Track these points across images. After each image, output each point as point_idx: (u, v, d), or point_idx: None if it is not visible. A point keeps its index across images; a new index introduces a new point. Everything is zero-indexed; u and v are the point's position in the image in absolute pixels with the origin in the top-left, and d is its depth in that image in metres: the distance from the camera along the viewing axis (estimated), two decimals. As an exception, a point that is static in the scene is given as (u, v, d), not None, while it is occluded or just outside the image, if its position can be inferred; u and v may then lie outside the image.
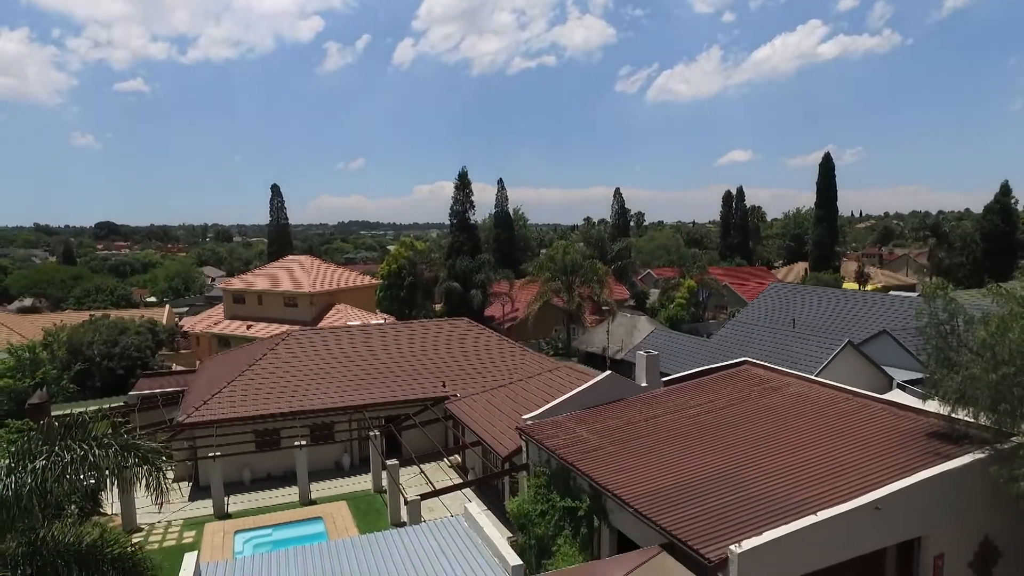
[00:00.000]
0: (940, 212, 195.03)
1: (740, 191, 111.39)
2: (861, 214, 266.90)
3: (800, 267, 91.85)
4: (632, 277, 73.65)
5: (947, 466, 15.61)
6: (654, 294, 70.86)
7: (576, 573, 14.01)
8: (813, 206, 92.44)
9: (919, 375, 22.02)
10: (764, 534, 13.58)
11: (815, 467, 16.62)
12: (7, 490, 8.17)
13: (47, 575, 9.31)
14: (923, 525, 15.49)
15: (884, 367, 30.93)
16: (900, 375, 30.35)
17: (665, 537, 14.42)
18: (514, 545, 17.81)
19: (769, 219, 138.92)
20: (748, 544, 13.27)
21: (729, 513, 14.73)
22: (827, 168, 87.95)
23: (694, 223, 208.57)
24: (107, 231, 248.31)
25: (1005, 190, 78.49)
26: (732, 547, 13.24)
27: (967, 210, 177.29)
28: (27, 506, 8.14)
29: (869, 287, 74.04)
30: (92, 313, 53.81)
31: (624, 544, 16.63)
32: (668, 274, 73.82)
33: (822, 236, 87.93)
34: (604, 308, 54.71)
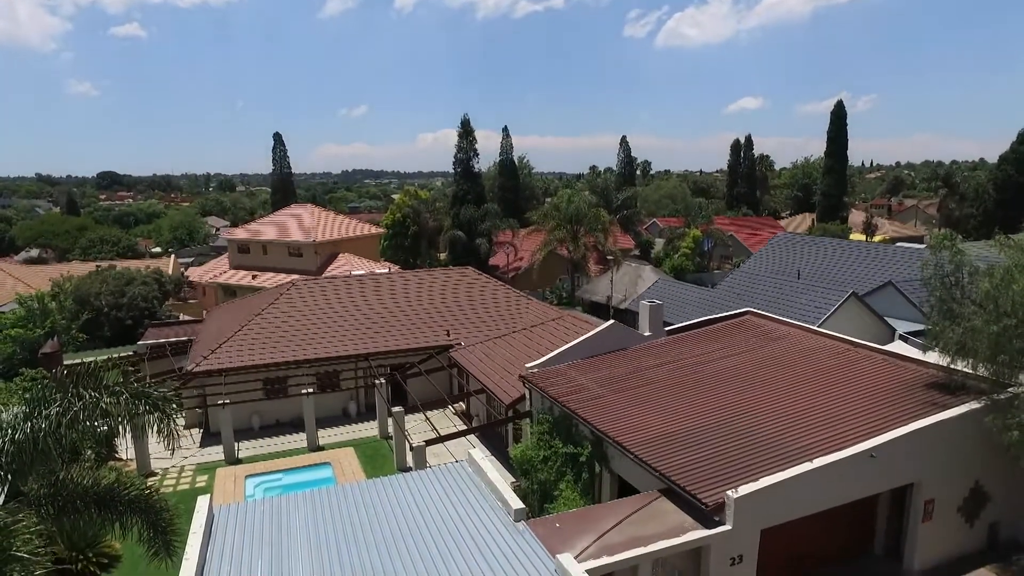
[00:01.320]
0: (953, 162, 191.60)
1: (749, 139, 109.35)
2: (872, 164, 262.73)
3: (807, 218, 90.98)
4: (637, 226, 73.21)
5: (942, 416, 15.87)
6: (659, 244, 70.56)
7: (577, 517, 14.43)
8: (823, 155, 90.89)
9: (922, 327, 22.07)
10: (760, 480, 13.95)
11: (814, 415, 16.91)
12: (25, 436, 8.43)
13: (68, 514, 9.72)
14: (916, 472, 15.85)
15: (887, 318, 31.00)
16: (903, 327, 30.43)
17: (664, 482, 14.81)
18: (517, 490, 18.30)
19: (777, 168, 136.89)
20: (744, 490, 13.65)
21: (727, 460, 15.08)
22: (839, 116, 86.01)
23: (701, 172, 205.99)
24: (110, 181, 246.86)
25: (1022, 139, 76.77)
26: (729, 492, 13.62)
27: (981, 160, 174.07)
28: (44, 450, 8.41)
29: (876, 238, 73.48)
30: (98, 264, 54.09)
31: (624, 489, 17.10)
32: (674, 224, 73.23)
33: (830, 186, 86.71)
34: (608, 257, 54.58)
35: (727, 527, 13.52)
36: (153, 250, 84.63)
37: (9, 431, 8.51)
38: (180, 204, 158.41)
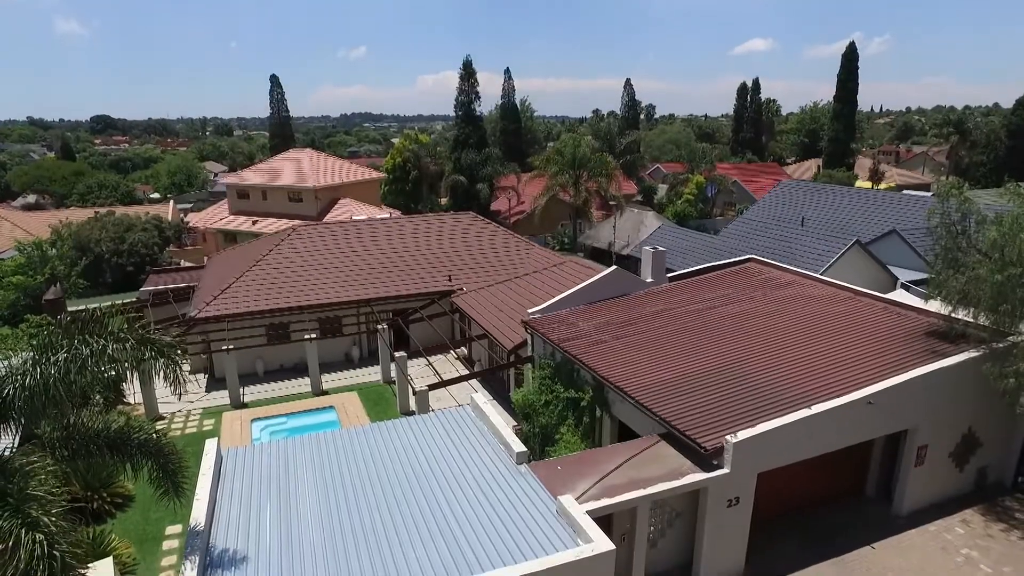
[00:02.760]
0: (966, 107, 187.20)
1: (756, 83, 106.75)
2: (881, 109, 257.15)
3: (813, 164, 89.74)
4: (640, 172, 72.39)
5: (940, 364, 16.01)
6: (662, 189, 69.88)
7: (578, 460, 14.73)
8: (831, 100, 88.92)
9: (924, 275, 22.06)
10: (759, 426, 14.17)
11: (813, 363, 17.06)
12: (35, 381, 8.52)
13: (81, 457, 9.94)
14: (912, 419, 16.10)
15: (891, 267, 30.94)
16: (906, 275, 30.41)
17: (664, 427, 15.06)
18: (518, 433, 18.66)
19: (784, 114, 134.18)
20: (743, 435, 13.89)
21: (727, 405, 15.30)
22: (850, 59, 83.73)
23: (706, 117, 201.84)
24: (104, 125, 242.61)
25: (1040, 82, 74.64)
26: (728, 437, 13.86)
27: (995, 105, 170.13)
28: (55, 396, 8.52)
29: (883, 186, 72.59)
30: (97, 210, 53.70)
31: (624, 433, 17.41)
32: (677, 169, 72.37)
33: (838, 132, 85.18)
34: (611, 203, 54.17)
35: (725, 470, 13.82)
36: (152, 196, 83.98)
37: (19, 377, 8.61)
38: (177, 149, 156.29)
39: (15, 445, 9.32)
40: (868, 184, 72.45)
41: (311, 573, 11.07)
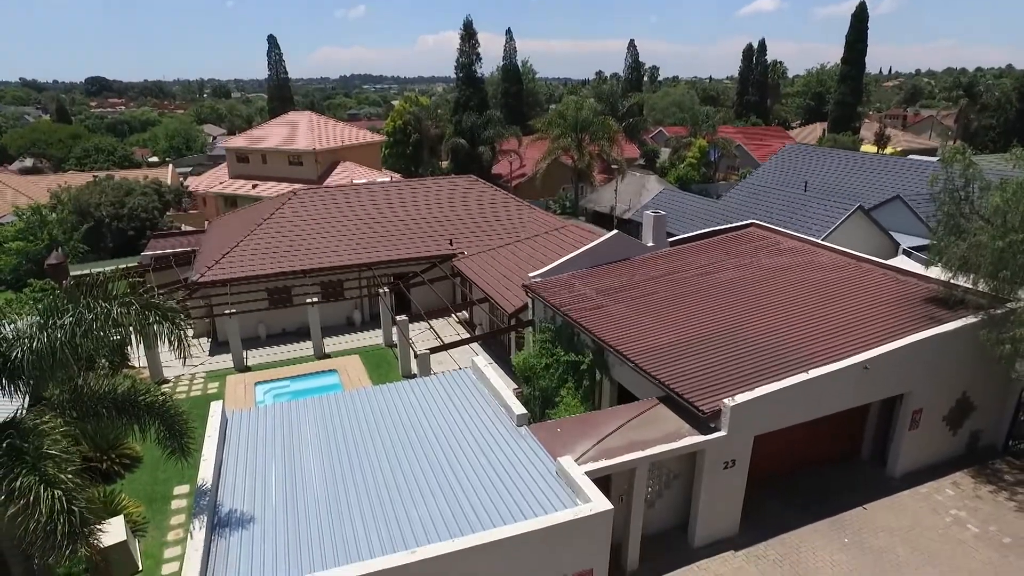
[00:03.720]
0: (978, 69, 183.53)
1: (762, 44, 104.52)
2: (890, 71, 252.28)
3: (818, 128, 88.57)
4: (643, 135, 71.58)
5: (937, 330, 16.12)
6: (665, 153, 69.20)
7: (577, 422, 14.96)
8: (839, 62, 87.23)
9: (926, 242, 22.02)
10: (756, 389, 14.34)
11: (812, 328, 17.17)
12: (42, 345, 8.64)
13: (90, 419, 10.13)
14: (908, 383, 16.28)
15: (893, 233, 30.86)
16: (908, 241, 30.36)
17: (663, 390, 15.25)
18: (519, 396, 18.92)
19: (791, 76, 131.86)
20: (740, 398, 14.07)
21: (725, 369, 15.46)
22: (860, 19, 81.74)
23: (711, 79, 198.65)
24: (99, 87, 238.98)
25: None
26: (725, 400, 14.05)
27: (1009, 66, 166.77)
28: (62, 359, 8.65)
29: (888, 150, 71.79)
30: (95, 174, 53.35)
31: (624, 396, 17.64)
32: (680, 133, 71.52)
33: (845, 95, 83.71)
34: (613, 167, 53.69)
35: (722, 433, 14.05)
36: (150, 160, 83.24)
37: (26, 340, 8.72)
38: (174, 112, 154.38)
39: (25, 407, 9.49)
40: (873, 149, 71.65)
41: (316, 531, 11.37)
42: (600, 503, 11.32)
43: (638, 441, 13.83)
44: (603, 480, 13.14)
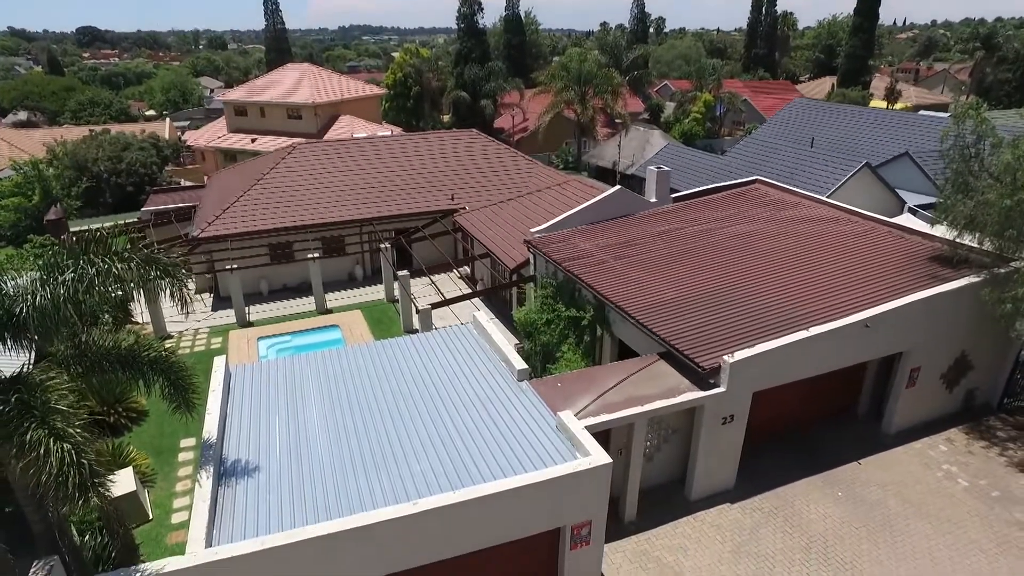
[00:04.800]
0: (998, 19, 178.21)
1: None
2: (905, 23, 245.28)
3: (827, 82, 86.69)
4: (647, 89, 70.24)
5: (939, 289, 16.09)
6: (669, 107, 68.01)
7: (578, 377, 15.09)
8: (851, 13, 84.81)
9: (933, 200, 21.80)
10: (756, 346, 14.42)
11: (815, 285, 17.15)
12: (45, 300, 8.66)
13: (95, 374, 10.22)
14: (908, 342, 16.34)
15: (900, 191, 30.51)
16: (914, 199, 30.04)
17: (663, 346, 15.34)
18: (520, 351, 19.03)
19: (801, 28, 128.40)
20: (740, 355, 14.16)
21: (726, 326, 15.51)
22: (876, -36, 79.22)
23: (718, 31, 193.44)
24: (91, 38, 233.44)
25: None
26: (725, 357, 14.14)
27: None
28: (65, 315, 8.67)
29: (898, 106, 70.36)
30: (92, 128, 52.60)
31: (624, 352, 17.75)
32: (686, 86, 70.13)
33: (856, 48, 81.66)
34: (617, 121, 52.91)
35: (721, 389, 14.18)
36: (147, 113, 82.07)
37: (29, 296, 8.73)
38: (170, 63, 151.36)
39: (31, 362, 9.56)
40: (883, 104, 70.29)
41: (320, 483, 11.60)
42: (599, 457, 11.50)
43: (638, 396, 13.98)
44: (603, 434, 13.33)
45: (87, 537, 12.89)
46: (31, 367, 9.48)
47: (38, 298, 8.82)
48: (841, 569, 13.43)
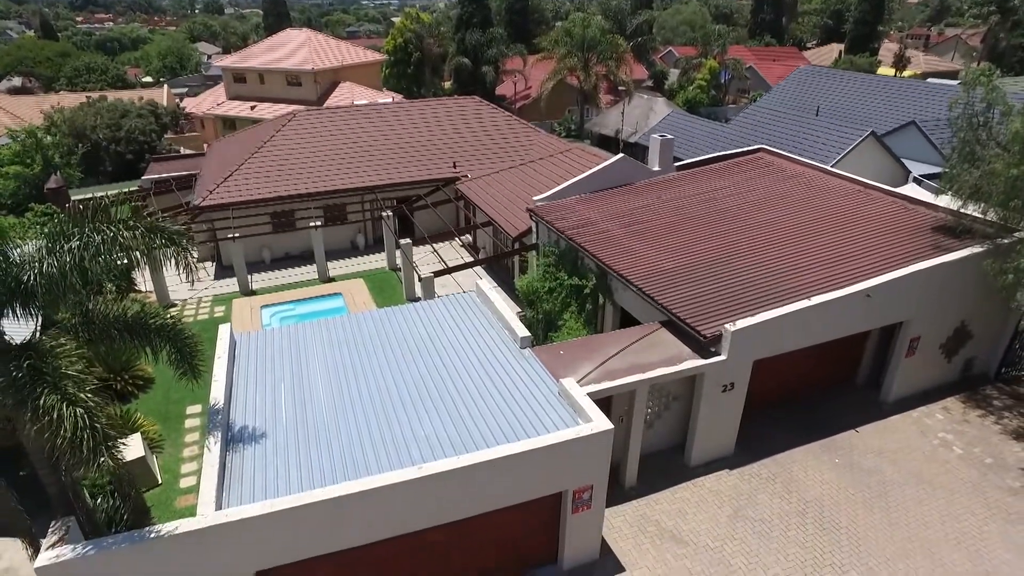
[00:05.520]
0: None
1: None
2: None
3: (834, 48, 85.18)
4: (651, 55, 69.10)
5: (941, 259, 16.10)
6: (674, 74, 67.05)
7: (580, 345, 15.22)
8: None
9: (938, 170, 21.63)
10: (758, 315, 14.50)
11: (817, 255, 17.17)
12: (51, 268, 8.72)
13: (102, 341, 10.33)
14: (909, 311, 16.40)
15: (905, 160, 30.29)
16: (920, 169, 29.84)
17: (665, 315, 15.43)
18: (522, 319, 19.14)
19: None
20: (742, 323, 14.25)
21: (727, 294, 15.58)
22: (889, -76, 77.01)
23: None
24: (84, 1, 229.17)
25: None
26: (726, 325, 14.24)
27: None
28: (72, 282, 8.74)
29: (906, 73, 69.20)
30: (88, 95, 51.94)
31: (626, 320, 17.87)
32: (691, 53, 68.97)
33: (865, 13, 79.94)
34: (620, 88, 52.23)
35: (722, 357, 14.31)
36: (144, 80, 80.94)
37: (36, 264, 8.79)
38: (166, 28, 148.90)
39: (38, 330, 9.66)
40: (891, 72, 69.15)
41: (326, 448, 11.81)
42: (601, 423, 11.67)
43: (639, 364, 14.11)
44: (604, 401, 13.51)
45: (99, 500, 13.18)
46: (39, 335, 9.59)
47: (45, 266, 8.88)
48: (836, 533, 13.73)
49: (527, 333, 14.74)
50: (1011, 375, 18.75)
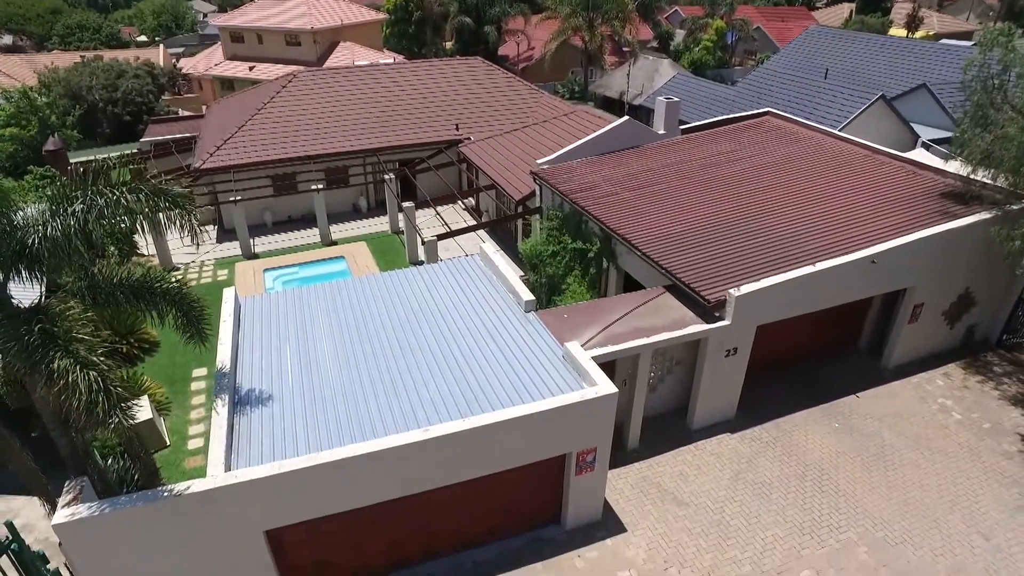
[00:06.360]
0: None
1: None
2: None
3: (845, 8, 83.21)
4: (657, 15, 67.58)
5: (947, 226, 16.00)
6: (679, 35, 65.66)
7: (584, 309, 15.23)
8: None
9: (948, 134, 21.30)
10: (762, 280, 14.48)
11: (823, 220, 17.06)
12: (55, 231, 8.67)
13: (108, 305, 10.35)
14: (913, 278, 16.37)
15: (915, 124, 29.86)
16: (929, 133, 29.43)
17: (669, 279, 15.41)
18: (526, 283, 19.13)
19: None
20: (746, 288, 14.24)
21: (732, 259, 15.54)
22: None
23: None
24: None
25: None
26: (731, 290, 14.23)
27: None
28: (76, 245, 8.70)
29: (919, 34, 67.67)
30: (82, 54, 51.02)
31: (630, 284, 17.86)
32: (697, 13, 67.44)
33: (878, -31, 77.88)
34: (625, 49, 51.25)
35: (726, 322, 14.34)
36: (138, 39, 79.40)
37: (40, 227, 8.74)
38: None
39: (44, 294, 9.66)
40: (903, 32, 67.64)
41: (332, 410, 11.93)
42: (605, 386, 11.76)
43: (643, 328, 14.16)
44: (608, 365, 13.60)
45: (110, 461, 13.39)
46: (46, 299, 9.59)
47: (49, 229, 8.83)
48: (835, 495, 13.95)
49: (531, 296, 14.73)
50: (1012, 342, 18.80)
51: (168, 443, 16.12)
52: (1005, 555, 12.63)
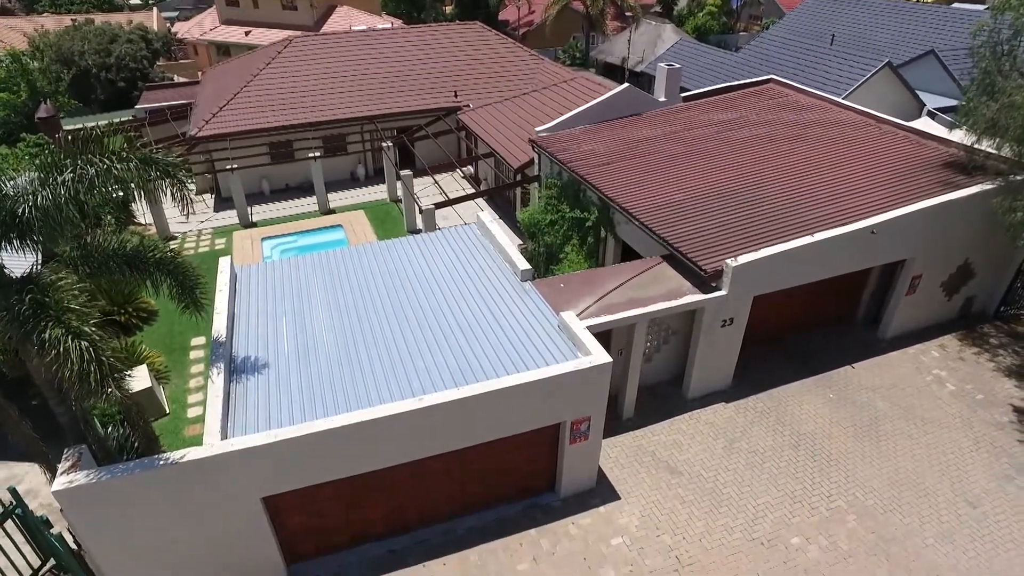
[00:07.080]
0: None
1: None
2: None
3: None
4: (661, -22, 66.05)
5: (948, 197, 15.83)
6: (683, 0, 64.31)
7: (581, 278, 15.21)
8: None
9: (955, 103, 20.91)
10: (760, 251, 14.42)
11: (824, 190, 16.91)
12: (46, 201, 8.60)
13: (103, 274, 10.32)
14: (912, 249, 16.28)
15: (922, 92, 29.33)
16: (936, 102, 28.95)
17: (667, 249, 15.35)
18: (524, 252, 19.10)
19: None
20: (743, 259, 14.18)
21: (730, 229, 15.44)
22: None
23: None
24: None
25: None
26: (728, 261, 14.18)
27: None
28: (68, 215, 8.64)
29: (928, -3, 66.12)
30: (73, 18, 49.97)
31: (628, 254, 17.81)
32: (702, -24, 65.91)
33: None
34: (627, 14, 50.25)
35: (722, 293, 14.32)
36: (131, 2, 77.75)
37: (30, 196, 8.67)
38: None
39: (38, 264, 9.64)
40: (912, -5, 66.07)
41: (327, 379, 12.00)
42: (600, 356, 11.79)
43: (639, 298, 14.15)
44: (604, 334, 13.62)
45: (110, 429, 13.53)
46: (39, 268, 9.57)
47: (39, 198, 8.76)
48: (827, 464, 14.11)
49: (528, 266, 14.70)
50: (1010, 313, 18.79)
51: (168, 411, 16.28)
52: (991, 522, 12.83)
